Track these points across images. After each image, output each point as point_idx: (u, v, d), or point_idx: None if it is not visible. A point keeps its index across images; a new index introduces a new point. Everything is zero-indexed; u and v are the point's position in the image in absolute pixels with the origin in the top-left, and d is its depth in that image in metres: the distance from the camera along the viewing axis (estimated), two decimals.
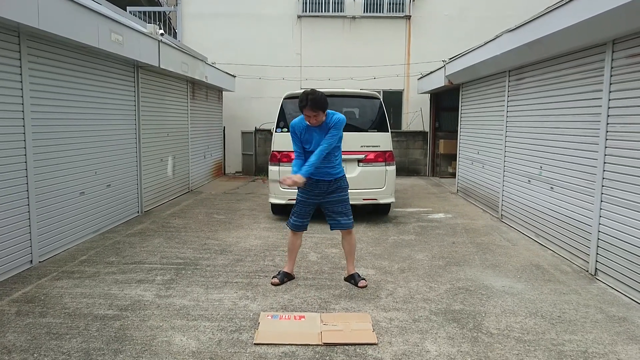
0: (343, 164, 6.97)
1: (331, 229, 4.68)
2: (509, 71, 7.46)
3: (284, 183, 4.37)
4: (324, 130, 4.43)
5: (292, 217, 4.67)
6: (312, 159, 4.36)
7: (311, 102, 4.23)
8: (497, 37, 7.19)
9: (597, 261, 4.91)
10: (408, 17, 14.00)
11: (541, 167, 6.27)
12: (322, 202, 4.58)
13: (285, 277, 4.67)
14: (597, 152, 4.96)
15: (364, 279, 4.61)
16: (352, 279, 4.62)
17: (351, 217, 4.64)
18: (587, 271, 5.04)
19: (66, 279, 4.64)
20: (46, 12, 4.70)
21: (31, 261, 5.03)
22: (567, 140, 5.61)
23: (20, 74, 4.85)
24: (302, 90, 4.51)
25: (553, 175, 5.94)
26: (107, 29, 5.95)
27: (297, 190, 4.67)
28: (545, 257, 5.61)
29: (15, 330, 3.53)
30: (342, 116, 4.47)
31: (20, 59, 4.84)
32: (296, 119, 4.55)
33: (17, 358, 3.15)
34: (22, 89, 4.87)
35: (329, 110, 4.45)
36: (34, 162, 5.06)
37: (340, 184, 4.61)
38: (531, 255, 5.68)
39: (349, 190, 4.76)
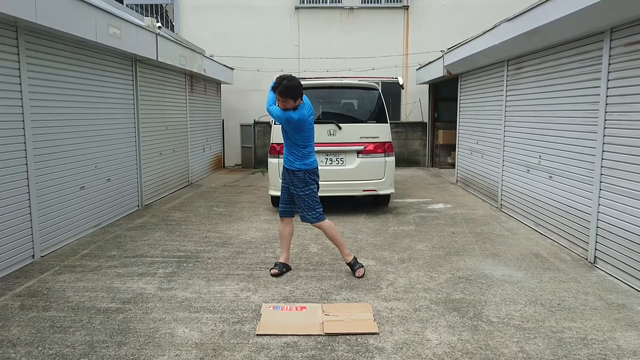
0: (343, 155, 7.09)
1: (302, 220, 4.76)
2: (508, 60, 7.45)
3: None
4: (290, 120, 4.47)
5: (279, 203, 4.86)
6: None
7: (282, 88, 4.33)
8: (495, 26, 7.17)
9: (596, 249, 4.94)
10: (406, 8, 13.94)
11: (540, 157, 6.28)
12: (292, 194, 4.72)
13: (284, 268, 4.71)
14: (595, 140, 4.97)
15: (362, 267, 4.66)
16: (351, 267, 4.68)
17: (311, 213, 4.60)
18: (587, 259, 5.07)
19: (68, 273, 4.67)
20: (44, 6, 4.69)
21: (33, 256, 5.05)
22: (566, 129, 5.62)
23: (19, 69, 4.85)
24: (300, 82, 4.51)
25: (552, 165, 5.96)
26: (105, 22, 5.93)
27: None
28: (545, 245, 5.64)
29: (19, 324, 3.56)
30: (298, 115, 4.41)
31: (18, 54, 4.83)
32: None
33: (22, 351, 3.18)
34: (20, 84, 4.87)
35: (306, 102, 4.54)
36: (34, 157, 5.07)
37: (293, 177, 4.59)
38: (531, 244, 5.71)
39: (350, 182, 4.78)
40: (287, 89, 4.33)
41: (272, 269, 4.67)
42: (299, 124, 4.44)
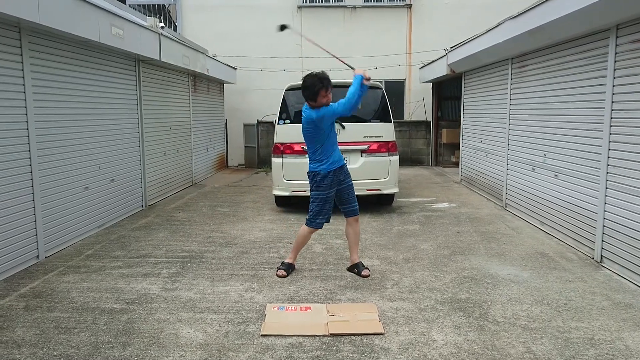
0: (346, 155, 7.07)
1: (346, 217, 4.71)
2: (512, 59, 7.41)
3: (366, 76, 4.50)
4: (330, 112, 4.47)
5: (317, 216, 4.54)
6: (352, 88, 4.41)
7: (327, 82, 4.41)
8: (499, 24, 7.13)
9: (602, 248, 4.90)
10: (409, 6, 13.90)
11: (545, 155, 6.25)
12: (338, 191, 4.62)
13: (290, 269, 4.69)
14: (601, 138, 4.93)
15: (367, 268, 4.64)
16: (356, 267, 4.64)
17: (356, 202, 4.76)
18: (593, 258, 5.03)
19: (73, 274, 4.67)
20: (46, 7, 4.69)
21: (37, 256, 5.05)
22: (571, 127, 5.58)
23: (22, 70, 4.84)
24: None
25: (557, 163, 5.92)
26: (108, 23, 5.93)
27: (314, 192, 4.55)
28: (551, 245, 5.60)
29: (24, 325, 3.55)
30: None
31: (21, 55, 4.83)
32: (305, 111, 4.51)
33: (27, 352, 3.17)
34: (24, 85, 4.86)
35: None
36: (38, 158, 5.07)
37: (347, 168, 4.71)
38: (536, 243, 5.67)
39: (353, 181, 4.81)
40: (328, 80, 4.42)
41: (279, 269, 4.65)
42: None
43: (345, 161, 4.72)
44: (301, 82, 4.50)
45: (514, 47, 6.90)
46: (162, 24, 8.04)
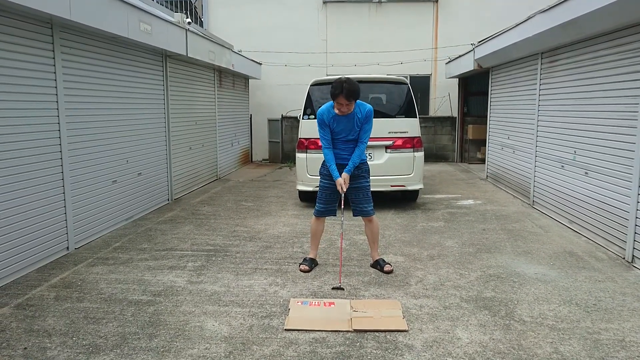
0: (371, 150, 7.04)
1: (354, 215, 4.72)
2: (542, 53, 7.25)
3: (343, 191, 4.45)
4: (351, 120, 4.44)
5: (316, 203, 4.70)
6: (355, 158, 4.46)
7: (346, 91, 4.20)
8: (529, 18, 6.98)
9: (634, 248, 4.77)
10: (435, 1, 13.71)
11: (575, 152, 6.10)
12: (348, 189, 4.57)
13: (313, 264, 4.70)
14: (635, 135, 4.79)
15: (389, 264, 4.62)
16: (378, 264, 4.64)
17: (372, 204, 4.67)
18: (624, 258, 4.90)
19: (101, 265, 4.77)
20: (77, 3, 4.78)
21: (67, 248, 5.18)
22: (603, 124, 5.43)
23: (54, 65, 4.95)
24: (329, 76, 4.51)
25: (588, 160, 5.77)
26: (136, 19, 6.01)
27: (320, 177, 4.69)
28: (579, 243, 5.48)
29: (54, 315, 3.65)
30: (370, 107, 4.53)
31: (53, 50, 4.93)
32: (323, 108, 4.51)
33: (57, 341, 3.25)
34: (55, 80, 4.97)
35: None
36: (69, 152, 5.18)
37: (361, 170, 4.60)
38: (564, 242, 5.55)
39: (378, 177, 4.75)
40: (354, 92, 4.24)
41: (302, 264, 4.67)
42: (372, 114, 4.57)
43: (367, 158, 4.64)
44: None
45: (544, 41, 6.74)
46: (188, 20, 8.11)
